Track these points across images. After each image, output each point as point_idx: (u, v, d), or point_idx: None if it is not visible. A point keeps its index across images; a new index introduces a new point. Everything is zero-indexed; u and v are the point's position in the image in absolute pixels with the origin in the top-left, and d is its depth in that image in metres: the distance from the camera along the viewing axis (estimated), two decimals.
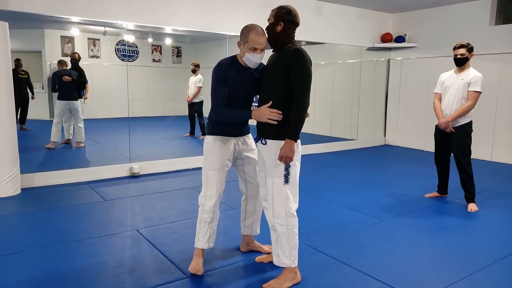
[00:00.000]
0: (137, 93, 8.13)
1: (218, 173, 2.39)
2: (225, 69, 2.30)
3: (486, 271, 2.53)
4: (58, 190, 4.24)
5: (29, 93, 6.86)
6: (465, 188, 3.78)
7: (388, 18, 7.31)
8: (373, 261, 2.62)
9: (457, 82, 3.68)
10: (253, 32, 2.21)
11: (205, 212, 2.40)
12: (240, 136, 2.48)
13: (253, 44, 2.21)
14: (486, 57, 5.96)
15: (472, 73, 3.63)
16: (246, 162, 2.53)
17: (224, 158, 2.40)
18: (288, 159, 2.14)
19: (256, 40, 2.20)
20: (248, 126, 2.54)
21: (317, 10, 6.30)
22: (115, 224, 3.25)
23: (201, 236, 2.43)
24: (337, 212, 3.65)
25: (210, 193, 2.39)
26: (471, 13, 6.21)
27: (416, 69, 7.07)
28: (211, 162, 2.40)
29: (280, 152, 2.14)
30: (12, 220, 3.38)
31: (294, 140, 2.13)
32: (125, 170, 4.90)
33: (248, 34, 2.22)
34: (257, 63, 2.29)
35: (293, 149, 2.14)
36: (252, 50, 2.22)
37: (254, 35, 2.21)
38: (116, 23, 4.95)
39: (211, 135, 2.42)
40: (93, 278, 2.35)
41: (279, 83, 2.19)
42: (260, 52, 2.24)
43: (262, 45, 2.23)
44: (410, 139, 7.27)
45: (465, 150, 3.70)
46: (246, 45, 2.23)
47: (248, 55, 2.25)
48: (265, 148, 2.25)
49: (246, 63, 2.29)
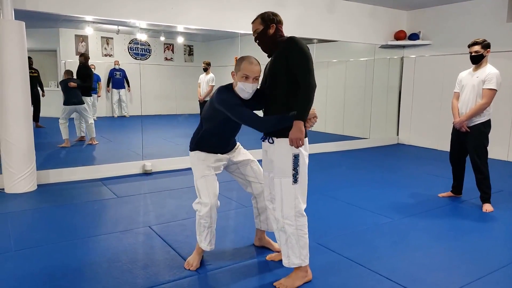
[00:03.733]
0: (150, 92, 8.21)
1: (206, 179, 2.40)
2: (232, 93, 2.28)
3: (500, 273, 2.49)
4: (72, 186, 4.31)
5: (39, 91, 7.02)
6: (480, 188, 3.72)
7: (402, 16, 7.22)
8: (384, 261, 2.60)
9: (472, 80, 3.61)
10: (246, 60, 2.23)
11: (202, 218, 2.42)
12: (226, 153, 2.51)
13: (245, 71, 2.20)
14: (502, 55, 5.84)
15: (488, 70, 3.54)
16: (241, 165, 2.56)
17: (210, 164, 2.43)
18: (298, 140, 2.09)
19: (248, 68, 2.20)
20: (234, 141, 2.57)
21: (330, 8, 6.25)
22: (127, 221, 3.29)
23: (203, 238, 2.46)
24: (349, 211, 3.63)
25: (204, 200, 2.40)
26: (486, 10, 6.09)
27: (430, 67, 6.97)
28: (197, 170, 2.43)
29: (290, 135, 2.11)
30: (28, 216, 3.45)
31: (302, 120, 2.10)
32: (138, 167, 4.96)
33: (241, 63, 2.23)
34: (249, 93, 2.24)
35: (303, 129, 2.09)
36: (244, 78, 2.21)
37: (247, 64, 2.21)
38: (129, 22, 5.00)
39: (193, 151, 2.46)
40: (107, 274, 2.38)
41: (281, 75, 2.17)
42: (252, 81, 2.21)
43: (254, 73, 2.20)
44: (423, 138, 7.18)
45: (480, 150, 3.63)
46: (239, 73, 2.23)
47: (240, 84, 2.23)
48: (273, 147, 2.23)
49: (239, 93, 2.27)
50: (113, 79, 8.51)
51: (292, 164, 2.16)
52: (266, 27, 2.24)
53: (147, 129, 5.80)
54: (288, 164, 2.17)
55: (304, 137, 2.18)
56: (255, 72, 2.22)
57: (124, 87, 8.55)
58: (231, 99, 2.23)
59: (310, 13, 6.00)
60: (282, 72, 2.17)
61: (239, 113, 2.19)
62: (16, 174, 4.01)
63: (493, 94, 3.51)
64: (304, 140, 2.18)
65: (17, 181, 4.02)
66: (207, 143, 2.44)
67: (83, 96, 6.10)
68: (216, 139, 2.43)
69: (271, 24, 2.24)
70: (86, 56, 6.38)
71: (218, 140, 2.44)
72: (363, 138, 7.40)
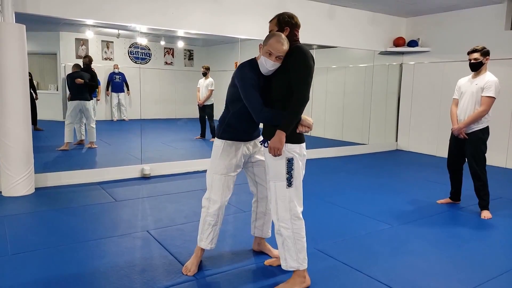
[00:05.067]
0: (149, 95, 8.22)
1: (224, 178, 2.40)
2: (252, 71, 2.27)
3: (499, 280, 2.48)
4: (70, 190, 4.30)
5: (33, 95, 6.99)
6: (479, 195, 3.72)
7: (401, 22, 7.26)
8: (383, 267, 2.60)
9: (471, 87, 3.63)
10: (274, 38, 2.22)
11: (209, 215, 2.41)
12: (251, 141, 2.49)
13: (270, 48, 2.20)
14: (501, 62, 5.87)
15: (487, 78, 3.56)
16: (256, 164, 2.53)
17: (232, 163, 2.41)
18: (276, 150, 2.10)
19: (274, 45, 2.19)
20: (259, 129, 2.52)
21: (330, 14, 6.29)
22: (125, 225, 3.28)
23: (205, 237, 2.45)
24: (347, 217, 3.63)
25: (214, 197, 2.40)
26: (485, 17, 6.13)
27: (429, 74, 7.00)
28: (218, 165, 2.41)
29: (270, 143, 2.13)
30: (25, 219, 3.43)
31: (284, 132, 2.10)
32: (137, 171, 4.95)
33: (269, 39, 2.23)
34: (269, 69, 2.24)
35: (282, 140, 2.10)
36: (267, 54, 2.21)
37: (274, 41, 2.20)
38: (129, 26, 5.01)
39: (221, 139, 2.42)
40: (104, 278, 2.37)
41: (281, 79, 2.19)
42: (274, 59, 2.21)
43: (278, 52, 2.19)
44: (422, 144, 7.19)
45: (479, 156, 3.64)
46: (264, 48, 2.23)
47: (262, 58, 2.24)
48: (268, 151, 2.24)
49: (259, 66, 2.29)
50: (113, 82, 8.52)
51: (286, 168, 2.17)
52: (281, 30, 2.26)
53: (146, 133, 5.80)
54: (282, 168, 2.17)
55: (299, 143, 2.20)
56: (280, 51, 2.19)
57: (123, 91, 8.56)
58: (248, 75, 2.24)
59: (310, 19, 6.03)
60: (282, 77, 2.19)
61: (248, 94, 2.21)
62: (13, 177, 3.99)
63: (491, 101, 3.52)
64: (301, 145, 2.20)
65: (15, 184, 4.00)
66: (235, 128, 2.39)
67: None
68: (243, 124, 2.38)
69: (285, 26, 2.26)
70: (90, 58, 6.38)
71: (244, 124, 2.39)
72: (362, 144, 7.40)
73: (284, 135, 2.11)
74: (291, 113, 2.11)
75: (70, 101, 5.94)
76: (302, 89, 2.10)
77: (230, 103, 2.40)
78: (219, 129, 2.46)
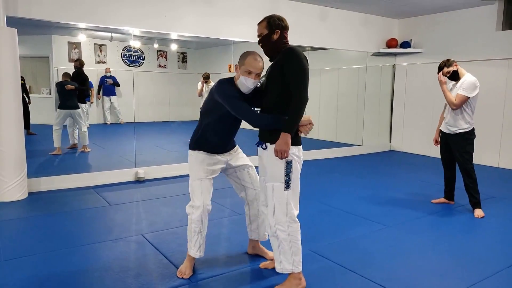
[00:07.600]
0: (143, 98, 8.18)
1: (202, 182, 2.40)
2: (233, 87, 2.30)
3: (493, 279, 2.50)
4: (64, 194, 4.27)
5: (26, 99, 6.94)
6: (469, 192, 3.81)
7: (394, 24, 7.31)
8: (378, 268, 2.60)
9: (454, 90, 3.82)
10: (251, 56, 2.25)
11: (193, 222, 2.42)
12: (225, 153, 2.50)
13: (248, 67, 2.23)
14: (493, 63, 5.93)
15: (464, 79, 3.74)
16: (239, 169, 2.55)
17: (208, 166, 2.42)
18: (283, 152, 2.11)
19: (253, 64, 2.22)
20: (233, 142, 2.56)
21: (322, 15, 6.31)
22: (120, 229, 3.26)
23: (193, 244, 2.45)
24: (342, 217, 3.64)
25: (196, 203, 2.40)
26: (477, 18, 6.19)
27: (421, 75, 7.05)
28: (195, 172, 2.42)
29: (276, 146, 2.13)
30: (18, 224, 3.40)
31: (289, 133, 2.11)
32: (131, 175, 4.92)
33: (246, 57, 2.26)
34: (249, 88, 2.27)
35: (288, 142, 2.11)
36: (247, 73, 2.23)
37: (252, 59, 2.24)
38: (122, 29, 5.00)
39: (193, 150, 2.45)
40: (98, 283, 2.35)
41: (276, 84, 2.20)
42: (254, 77, 2.24)
43: (257, 70, 2.23)
44: (415, 144, 7.23)
45: (466, 156, 3.76)
46: (242, 67, 2.25)
47: (242, 78, 2.26)
48: (266, 153, 2.24)
49: (239, 87, 2.30)
50: (104, 86, 8.49)
51: (284, 170, 2.17)
52: (271, 32, 2.26)
53: (140, 136, 5.78)
54: (281, 170, 2.18)
55: (297, 145, 2.19)
56: (258, 69, 2.24)
57: (115, 94, 8.52)
58: (231, 91, 2.26)
59: (303, 21, 6.05)
60: (276, 80, 2.20)
61: (237, 106, 2.22)
62: (6, 182, 3.96)
63: (463, 98, 3.66)
64: (299, 148, 2.21)
65: (8, 189, 3.97)
66: (207, 141, 2.42)
67: (78, 103, 6.05)
68: (216, 137, 2.41)
69: (276, 29, 2.26)
70: (82, 61, 6.35)
71: (218, 137, 2.42)
72: (356, 145, 7.43)
73: (289, 137, 2.12)
74: (293, 115, 2.12)
75: (59, 109, 5.90)
76: (300, 91, 2.12)
77: (204, 114, 2.43)
78: (192, 140, 2.48)
